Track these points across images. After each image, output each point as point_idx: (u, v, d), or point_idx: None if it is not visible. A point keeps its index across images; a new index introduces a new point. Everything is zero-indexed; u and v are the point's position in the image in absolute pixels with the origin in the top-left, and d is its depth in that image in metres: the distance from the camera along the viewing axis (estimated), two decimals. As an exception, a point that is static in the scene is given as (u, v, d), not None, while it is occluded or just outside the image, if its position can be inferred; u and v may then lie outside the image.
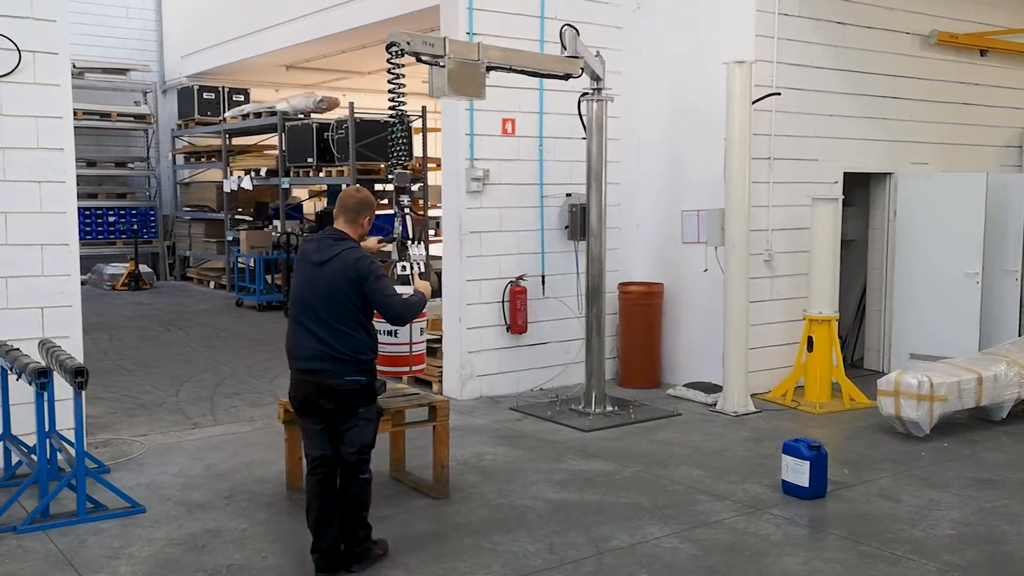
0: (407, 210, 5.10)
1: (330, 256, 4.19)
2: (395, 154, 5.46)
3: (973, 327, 8.02)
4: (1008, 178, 8.67)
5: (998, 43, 9.14)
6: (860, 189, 8.86)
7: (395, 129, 5.49)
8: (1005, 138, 9.53)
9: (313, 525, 4.23)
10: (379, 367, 4.76)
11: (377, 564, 4.32)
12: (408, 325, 4.76)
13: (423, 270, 5.03)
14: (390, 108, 5.56)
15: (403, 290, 4.62)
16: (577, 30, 6.88)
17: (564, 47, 6.87)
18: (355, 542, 4.28)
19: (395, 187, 5.15)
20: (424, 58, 6.02)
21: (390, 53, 5.73)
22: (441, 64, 6.04)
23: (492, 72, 6.42)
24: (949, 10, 8.82)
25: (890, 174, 8.67)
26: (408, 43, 5.83)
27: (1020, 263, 8.40)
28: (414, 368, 4.92)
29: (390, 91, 5.55)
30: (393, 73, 5.60)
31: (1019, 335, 8.09)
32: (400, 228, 5.05)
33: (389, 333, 4.74)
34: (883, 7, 8.36)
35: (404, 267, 5.04)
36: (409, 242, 5.04)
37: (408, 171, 5.35)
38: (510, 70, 6.58)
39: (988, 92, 9.29)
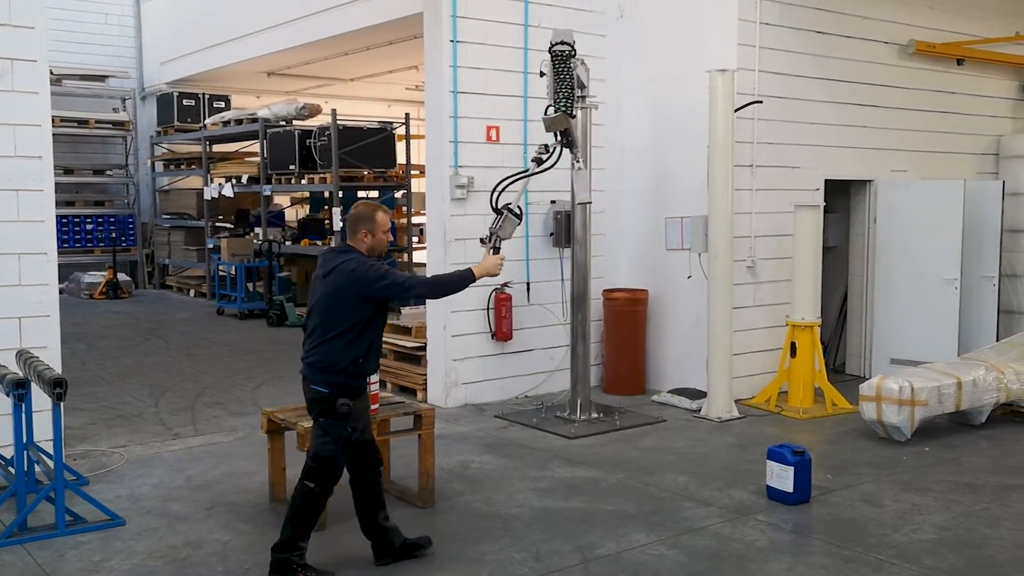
0: (534, 166, 5.58)
1: (330, 269, 4.29)
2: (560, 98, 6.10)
3: (952, 332, 8.10)
4: (985, 185, 8.78)
5: (974, 52, 9.26)
6: (841, 196, 8.93)
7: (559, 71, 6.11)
8: (982, 146, 9.64)
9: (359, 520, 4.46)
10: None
11: None
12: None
13: (498, 247, 5.27)
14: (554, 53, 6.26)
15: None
16: None
17: None
18: (279, 545, 4.19)
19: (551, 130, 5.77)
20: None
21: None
22: None
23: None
24: (926, 20, 8.93)
25: (870, 181, 8.75)
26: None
27: (997, 269, 8.51)
28: (372, 407, 4.91)
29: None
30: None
31: (997, 340, 8.17)
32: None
33: None
34: (862, 17, 8.45)
35: (489, 234, 5.51)
36: (510, 212, 5.47)
37: (572, 115, 6.31)
38: None
39: (965, 100, 9.40)
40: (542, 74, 6.63)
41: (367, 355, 4.28)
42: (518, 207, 5.85)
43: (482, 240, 5.62)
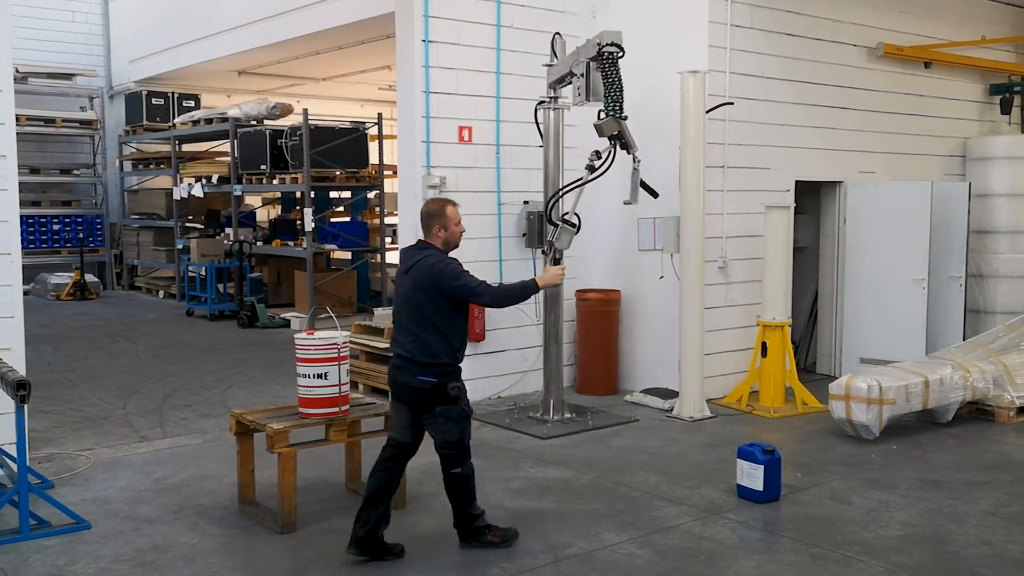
0: (587, 173, 5.87)
1: (411, 265, 4.50)
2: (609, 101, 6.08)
3: (920, 332, 8.21)
4: (952, 186, 8.90)
5: (941, 55, 9.39)
6: (811, 197, 9.02)
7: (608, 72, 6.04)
8: (949, 148, 9.78)
9: (363, 500, 4.47)
10: (309, 409, 4.90)
11: (490, 548, 4.53)
12: (337, 366, 4.85)
13: (559, 258, 5.47)
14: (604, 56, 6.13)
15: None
16: (564, 40, 6.90)
17: (555, 55, 6.91)
18: (461, 522, 4.60)
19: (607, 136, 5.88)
20: None
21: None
22: None
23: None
24: (895, 23, 9.05)
25: (840, 182, 8.84)
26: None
27: (964, 269, 8.64)
28: (342, 408, 4.96)
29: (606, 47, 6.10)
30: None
31: (964, 339, 8.29)
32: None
33: (319, 376, 4.84)
34: (832, 20, 8.54)
35: (548, 245, 5.77)
36: (565, 223, 5.64)
37: (623, 118, 6.26)
38: None
39: (932, 103, 9.54)
40: (571, 75, 6.50)
41: (460, 345, 4.50)
42: (575, 216, 5.85)
43: (544, 252, 5.66)
